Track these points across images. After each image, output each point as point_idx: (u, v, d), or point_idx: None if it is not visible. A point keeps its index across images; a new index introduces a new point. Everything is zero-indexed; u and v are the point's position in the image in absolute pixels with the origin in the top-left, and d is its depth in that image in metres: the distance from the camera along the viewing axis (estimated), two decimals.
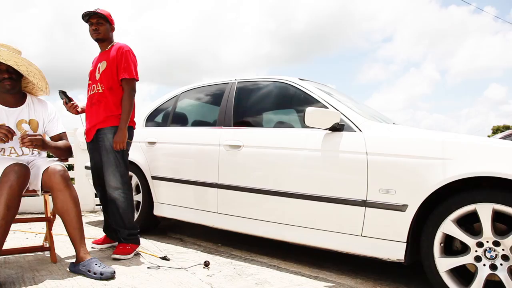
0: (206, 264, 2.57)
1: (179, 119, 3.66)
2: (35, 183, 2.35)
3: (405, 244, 2.18)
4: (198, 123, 3.63)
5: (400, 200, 2.18)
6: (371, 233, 2.31)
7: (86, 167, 4.10)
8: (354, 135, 2.44)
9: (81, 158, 4.80)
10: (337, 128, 2.50)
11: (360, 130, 2.45)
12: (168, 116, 3.66)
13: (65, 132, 2.70)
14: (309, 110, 2.45)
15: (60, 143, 2.59)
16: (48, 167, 2.33)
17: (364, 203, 2.31)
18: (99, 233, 3.43)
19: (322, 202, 2.48)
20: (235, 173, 2.93)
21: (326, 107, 2.66)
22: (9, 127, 2.27)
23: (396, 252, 2.21)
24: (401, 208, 2.17)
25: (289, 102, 3.13)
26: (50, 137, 2.63)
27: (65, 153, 2.58)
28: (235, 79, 3.32)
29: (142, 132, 3.58)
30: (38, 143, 2.32)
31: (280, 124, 3.15)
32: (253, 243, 3.30)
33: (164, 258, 2.71)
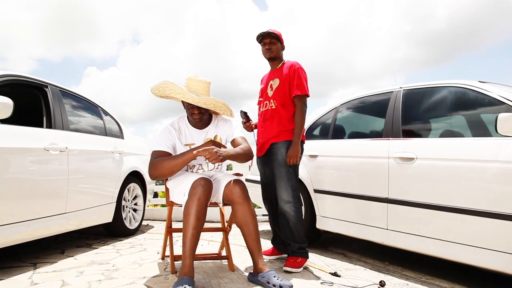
0: (382, 284, 2.42)
1: (341, 132, 3.60)
2: (217, 196, 2.53)
3: None
4: (360, 135, 3.51)
5: None
6: None
7: (247, 180, 4.33)
8: None
9: (237, 170, 5.09)
10: None
11: None
12: (328, 129, 3.63)
13: (243, 137, 2.75)
14: (502, 116, 2.13)
15: (238, 149, 2.59)
16: (230, 182, 2.48)
17: None
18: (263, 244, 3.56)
19: None
20: (408, 188, 2.72)
21: None
22: (216, 150, 2.35)
23: None
24: None
25: (467, 108, 2.80)
26: (231, 141, 2.72)
27: (246, 154, 2.60)
28: (400, 87, 3.12)
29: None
30: (219, 158, 2.35)
31: (456, 133, 2.84)
32: (425, 263, 3.03)
33: (335, 274, 2.65)
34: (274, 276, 2.28)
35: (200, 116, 2.60)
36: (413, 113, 3.00)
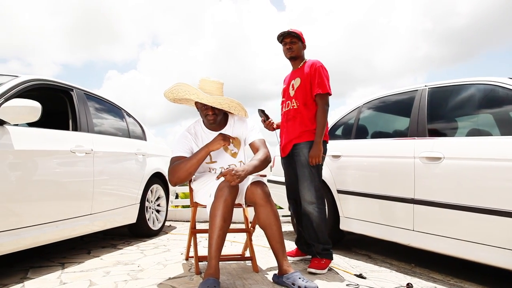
0: (409, 287, 2.37)
1: (364, 131, 3.56)
2: (240, 197, 2.52)
3: None
4: (384, 135, 3.47)
5: None
6: None
7: (269, 181, 4.32)
8: None
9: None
10: None
11: None
12: (351, 129, 3.60)
13: (262, 139, 2.70)
14: None
15: (255, 161, 2.49)
16: (251, 184, 2.46)
17: None
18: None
19: None
20: (436, 188, 2.66)
21: None
22: (234, 171, 2.29)
23: None
24: None
25: (495, 106, 2.72)
26: (249, 144, 2.69)
27: (264, 164, 2.54)
28: (425, 85, 3.06)
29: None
30: (238, 179, 2.29)
31: (483, 132, 2.77)
32: (452, 266, 2.96)
33: (360, 276, 2.62)
34: (299, 278, 2.26)
35: (214, 117, 2.58)
36: (439, 112, 2.94)
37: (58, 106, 3.47)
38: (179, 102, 2.81)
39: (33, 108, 2.46)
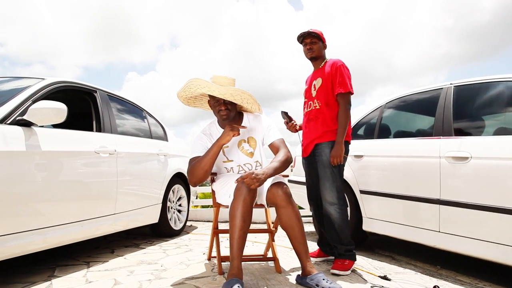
0: None
1: (387, 131, 3.50)
2: (261, 198, 2.50)
3: None
4: (407, 134, 3.40)
5: None
6: None
7: (289, 181, 4.30)
8: None
9: None
10: None
11: None
12: (374, 128, 3.54)
13: (281, 138, 2.67)
14: None
15: (275, 163, 2.45)
16: (272, 185, 2.43)
17: None
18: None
19: None
20: (463, 189, 2.60)
21: None
22: (254, 175, 2.26)
23: None
24: None
25: None
26: (268, 145, 2.68)
27: (284, 165, 2.51)
28: (450, 83, 2.99)
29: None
30: (258, 183, 2.26)
31: (511, 131, 2.69)
32: (480, 268, 2.89)
33: (385, 278, 2.58)
34: (323, 279, 2.23)
35: (227, 113, 2.56)
36: (466, 110, 2.88)
37: (82, 107, 3.53)
38: (193, 104, 2.82)
39: (59, 109, 2.50)
